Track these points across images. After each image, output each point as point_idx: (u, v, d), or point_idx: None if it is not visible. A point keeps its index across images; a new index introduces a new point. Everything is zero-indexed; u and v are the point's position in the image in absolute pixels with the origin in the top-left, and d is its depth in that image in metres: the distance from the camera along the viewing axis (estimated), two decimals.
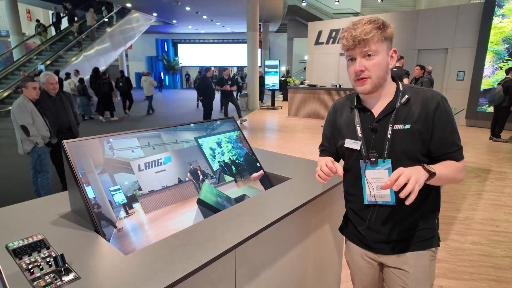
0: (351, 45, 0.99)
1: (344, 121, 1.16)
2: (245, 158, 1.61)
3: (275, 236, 1.22)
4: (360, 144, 1.09)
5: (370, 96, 1.07)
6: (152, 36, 25.02)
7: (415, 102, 1.03)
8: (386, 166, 1.04)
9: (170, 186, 1.26)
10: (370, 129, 1.07)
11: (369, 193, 1.08)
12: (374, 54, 0.99)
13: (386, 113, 1.05)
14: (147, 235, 1.09)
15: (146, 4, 15.19)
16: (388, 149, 1.03)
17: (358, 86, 1.03)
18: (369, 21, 0.99)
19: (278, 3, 14.76)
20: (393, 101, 1.05)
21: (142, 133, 1.30)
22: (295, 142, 6.59)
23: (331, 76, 11.16)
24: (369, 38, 0.97)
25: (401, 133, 1.02)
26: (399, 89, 1.07)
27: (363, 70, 1.00)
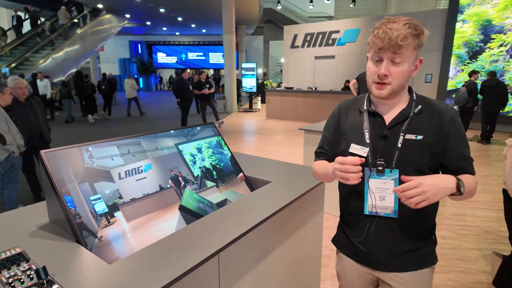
0: (384, 47, 0.91)
1: (350, 124, 1.09)
2: (225, 162, 1.63)
3: (257, 239, 1.26)
4: (367, 150, 1.02)
5: (383, 102, 1.02)
6: (125, 38, 24.42)
7: (428, 113, 1.00)
8: (393, 177, 0.99)
9: (152, 193, 1.26)
10: (379, 136, 1.01)
11: (371, 203, 1.02)
12: (402, 62, 0.93)
13: (398, 121, 1.00)
14: (130, 244, 1.09)
15: (119, 6, 14.83)
16: (397, 159, 0.98)
17: (375, 90, 0.98)
18: (408, 24, 0.90)
19: (253, 6, 14.89)
20: (406, 109, 1.00)
21: (122, 141, 1.30)
22: (273, 145, 6.67)
23: (307, 78, 11.39)
24: (404, 45, 0.89)
25: (412, 144, 0.97)
26: (413, 98, 1.02)
27: (387, 75, 0.94)
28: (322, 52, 11.01)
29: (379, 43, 0.91)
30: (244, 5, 14.09)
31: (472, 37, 8.22)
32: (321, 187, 1.77)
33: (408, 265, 1.04)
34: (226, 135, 7.80)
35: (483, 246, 2.72)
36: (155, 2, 14.13)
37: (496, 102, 6.39)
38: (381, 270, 1.08)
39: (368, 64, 1.00)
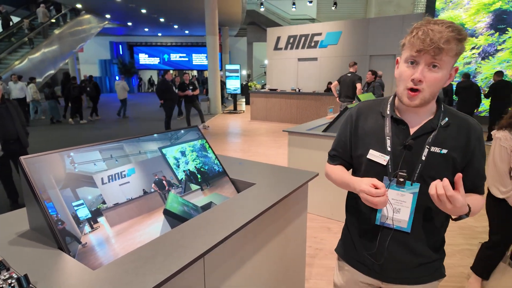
0: (424, 48, 0.83)
1: (369, 128, 1.03)
2: (210, 165, 1.64)
3: (242, 241, 1.28)
4: (388, 159, 0.96)
5: (411, 109, 0.95)
6: (105, 39, 23.91)
7: (454, 127, 0.95)
8: (413, 190, 0.94)
9: (135, 198, 1.26)
10: (402, 145, 0.95)
11: (385, 214, 0.98)
12: (440, 68, 0.86)
13: (424, 132, 0.94)
14: (114, 249, 1.09)
15: (99, 6, 14.51)
16: (420, 172, 0.93)
17: (406, 98, 0.91)
18: (452, 27, 0.83)
19: (236, 8, 14.92)
20: (434, 120, 0.95)
21: (104, 146, 1.29)
22: (258, 146, 6.70)
23: (291, 80, 11.52)
24: (446, 49, 0.82)
25: (436, 157, 0.93)
26: (441, 109, 0.96)
27: (422, 80, 0.87)
28: (305, 54, 11.16)
29: (419, 44, 0.84)
30: (227, 6, 14.10)
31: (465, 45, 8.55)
32: (305, 187, 1.80)
33: (421, 278, 1.02)
34: (211, 137, 7.77)
35: (458, 242, 2.84)
36: (136, 3, 13.92)
37: (469, 103, 6.67)
38: (391, 283, 1.04)
39: (401, 67, 0.92)
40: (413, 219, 0.96)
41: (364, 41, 9.99)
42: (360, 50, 10.09)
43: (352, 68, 6.41)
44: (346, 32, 10.28)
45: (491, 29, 7.99)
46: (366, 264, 1.06)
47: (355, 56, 10.04)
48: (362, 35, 10.01)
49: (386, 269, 1.02)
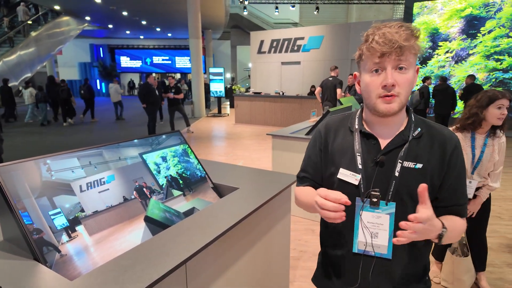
0: (387, 51, 0.77)
1: (338, 145, 0.94)
2: (192, 171, 1.64)
3: (225, 246, 1.27)
4: (359, 178, 0.87)
5: (380, 121, 0.88)
6: (85, 41, 23.34)
7: (429, 138, 0.87)
8: (389, 211, 0.85)
9: (115, 205, 1.23)
10: (374, 162, 0.87)
11: (363, 241, 0.88)
12: (407, 68, 0.80)
13: (396, 146, 0.86)
14: (93, 258, 1.06)
15: (78, 8, 14.16)
16: (394, 190, 0.84)
17: (383, 104, 0.82)
18: (404, 26, 0.79)
19: (219, 11, 14.92)
20: (405, 132, 0.87)
21: (83, 152, 1.26)
22: (243, 149, 6.70)
23: (274, 84, 11.60)
24: (408, 46, 0.77)
25: (410, 173, 0.84)
26: (412, 119, 0.89)
27: (395, 84, 0.79)
28: (288, 58, 11.28)
29: (380, 48, 0.78)
30: (210, 10, 14.08)
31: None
32: (288, 190, 1.82)
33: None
34: (195, 140, 7.71)
35: None
36: (117, 5, 13.69)
37: (445, 105, 6.90)
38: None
39: (365, 79, 0.84)
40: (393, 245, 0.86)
41: (346, 45, 10.20)
42: (342, 54, 10.30)
43: (333, 72, 6.53)
44: (328, 37, 10.47)
45: (463, 34, 8.34)
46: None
47: (337, 60, 10.24)
48: (343, 40, 10.23)
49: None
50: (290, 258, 2.60)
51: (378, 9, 19.45)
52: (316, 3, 15.36)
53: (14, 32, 12.49)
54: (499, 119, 1.85)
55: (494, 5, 7.86)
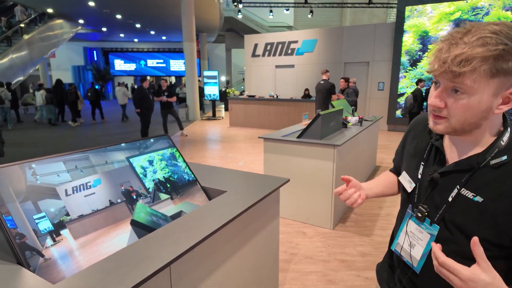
0: (435, 71, 0.67)
1: (414, 146, 0.90)
2: (180, 174, 1.65)
3: (211, 249, 1.28)
4: (413, 187, 0.85)
5: (456, 137, 0.77)
6: (79, 44, 23.27)
7: (509, 170, 0.68)
8: (432, 232, 0.79)
9: (101, 209, 1.24)
10: (430, 177, 0.80)
11: (401, 243, 0.87)
12: (466, 93, 0.65)
13: (460, 168, 0.74)
14: (78, 262, 1.07)
15: (71, 11, 14.12)
16: (442, 214, 0.76)
17: (430, 122, 0.75)
18: (483, 39, 0.61)
19: (214, 14, 14.98)
20: (479, 156, 0.71)
21: (69, 156, 1.27)
22: (237, 152, 6.71)
23: (269, 87, 11.65)
24: (466, 72, 0.62)
25: (466, 203, 0.72)
26: (500, 141, 0.70)
27: (442, 107, 0.69)
28: (282, 61, 11.34)
29: (430, 66, 0.69)
30: (205, 13, 14.13)
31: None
32: (276, 193, 1.84)
33: None
34: (189, 144, 7.71)
35: None
36: (110, 8, 13.67)
37: None
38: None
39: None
40: (425, 262, 0.80)
41: (339, 48, 10.29)
42: (335, 58, 10.39)
43: (324, 76, 6.59)
44: (322, 40, 10.56)
45: None
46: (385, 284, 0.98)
47: (330, 64, 10.32)
48: (337, 43, 10.32)
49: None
50: (281, 260, 2.61)
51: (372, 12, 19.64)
52: (310, 6, 15.47)
53: (11, 32, 12.68)
54: None
55: (482, 9, 8.01)
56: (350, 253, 2.73)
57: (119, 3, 12.81)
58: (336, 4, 17.26)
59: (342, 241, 2.93)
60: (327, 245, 2.86)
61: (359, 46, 9.92)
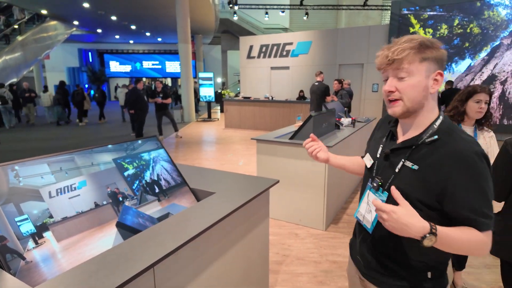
0: (381, 65, 0.93)
1: (378, 136, 1.14)
2: (168, 176, 1.64)
3: (198, 250, 1.28)
4: (371, 163, 1.07)
5: (405, 121, 0.99)
6: (74, 46, 23.13)
7: (441, 146, 0.89)
8: (382, 198, 0.99)
9: (86, 211, 1.23)
10: (384, 154, 1.02)
11: (361, 212, 1.07)
12: (408, 76, 0.90)
13: (406, 146, 0.96)
14: (60, 264, 1.06)
15: (66, 12, 14.05)
16: (390, 183, 0.96)
17: (389, 108, 0.97)
18: (407, 39, 0.91)
19: (209, 16, 14.98)
20: (419, 136, 0.95)
21: (53, 158, 1.26)
22: (230, 156, 6.70)
23: (264, 88, 11.66)
24: (402, 58, 0.89)
25: (408, 172, 0.93)
26: (434, 125, 0.94)
27: (393, 90, 0.93)
28: (277, 63, 11.37)
29: (378, 63, 0.95)
30: (200, 14, 14.13)
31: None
32: (266, 194, 1.84)
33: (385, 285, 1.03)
34: (183, 145, 7.69)
35: None
36: (105, 10, 13.62)
37: None
38: (364, 277, 1.11)
39: None
40: (376, 223, 1.00)
41: (333, 50, 10.34)
42: (330, 59, 10.43)
43: (318, 77, 6.61)
44: (316, 42, 10.61)
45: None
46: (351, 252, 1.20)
47: (325, 65, 10.36)
48: (331, 45, 10.37)
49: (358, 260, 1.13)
50: (273, 262, 2.61)
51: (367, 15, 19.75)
52: (306, 8, 15.53)
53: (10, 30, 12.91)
54: (478, 112, 1.97)
55: None
56: (341, 254, 2.73)
57: (114, 4, 12.77)
58: (331, 6, 17.35)
59: (334, 242, 2.94)
60: (319, 246, 2.87)
61: (354, 48, 9.98)
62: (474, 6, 8.36)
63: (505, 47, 8.17)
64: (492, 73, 8.34)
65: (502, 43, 8.20)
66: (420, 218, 0.81)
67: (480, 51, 8.48)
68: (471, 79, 8.59)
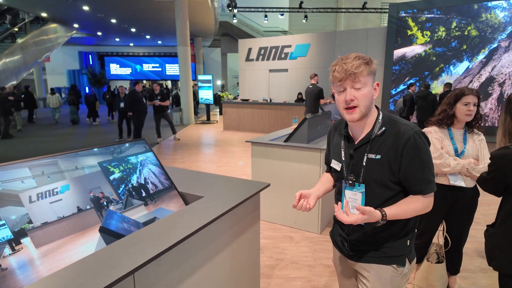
0: (343, 77, 1.08)
1: (334, 142, 1.32)
2: (156, 179, 1.62)
3: (183, 256, 1.25)
4: (341, 166, 1.23)
5: (355, 125, 1.18)
6: (74, 48, 23.18)
7: (389, 134, 1.13)
8: (361, 190, 1.17)
9: (68, 216, 1.21)
10: (349, 155, 1.20)
11: (346, 210, 1.18)
12: (362, 86, 1.09)
13: (364, 143, 1.17)
14: (38, 271, 1.03)
15: (66, 15, 14.08)
16: (363, 175, 1.16)
17: (347, 115, 1.13)
18: (357, 57, 1.09)
19: (209, 19, 15.00)
20: (370, 132, 1.16)
21: (35, 162, 1.24)
22: (230, 156, 6.68)
23: (262, 91, 11.66)
24: (359, 72, 1.07)
25: (373, 162, 1.13)
26: (378, 120, 1.17)
27: (353, 99, 1.09)
28: (275, 66, 11.37)
29: (339, 76, 1.09)
30: (199, 17, 14.15)
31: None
32: (257, 197, 1.81)
33: (371, 259, 1.21)
34: (181, 148, 7.66)
35: None
36: (105, 13, 13.65)
37: (426, 110, 6.94)
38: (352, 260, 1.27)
39: (336, 97, 1.17)
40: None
41: (332, 53, 10.34)
42: (328, 62, 10.41)
43: (313, 80, 6.61)
44: (315, 45, 10.61)
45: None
46: (339, 244, 1.32)
47: (323, 68, 10.36)
48: (329, 47, 10.37)
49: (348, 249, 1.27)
50: (266, 266, 2.58)
51: (366, 17, 19.78)
52: (305, 11, 15.56)
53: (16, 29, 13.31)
54: (467, 115, 1.95)
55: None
56: None
57: (114, 7, 12.79)
58: (330, 9, 17.38)
59: (328, 245, 2.91)
60: (314, 250, 2.83)
61: (352, 50, 9.89)
62: (471, 8, 8.37)
63: (503, 50, 8.16)
64: (490, 75, 8.33)
65: (500, 45, 8.20)
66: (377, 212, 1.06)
67: (478, 53, 8.47)
68: (469, 81, 8.57)
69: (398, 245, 1.19)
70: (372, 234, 1.19)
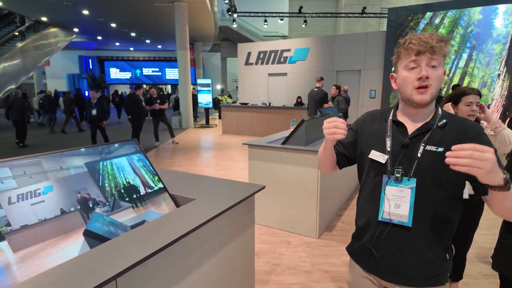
0: (422, 50, 0.94)
1: (373, 132, 1.12)
2: (146, 181, 1.56)
3: (170, 260, 1.19)
4: (387, 158, 1.05)
5: (418, 111, 1.03)
6: (74, 53, 23.27)
7: (452, 128, 0.99)
8: (410, 185, 0.99)
9: (50, 218, 1.15)
10: (400, 145, 1.03)
11: (387, 210, 1.03)
12: (438, 66, 0.95)
13: (421, 132, 1.01)
14: (15, 277, 0.98)
15: (66, 19, 14.13)
16: (415, 169, 0.99)
17: (417, 95, 0.98)
18: (435, 33, 0.95)
19: (208, 24, 15.04)
20: (430, 122, 1.02)
21: (17, 161, 1.18)
22: (228, 160, 6.63)
23: (262, 94, 11.64)
24: (439, 47, 0.93)
25: (431, 155, 0.97)
26: (438, 112, 1.03)
27: (429, 76, 0.95)
28: (275, 70, 11.36)
29: (416, 48, 0.95)
30: (199, 22, 14.19)
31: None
32: (251, 200, 1.75)
33: (416, 281, 1.02)
34: (180, 151, 7.61)
35: None
36: (105, 17, 13.70)
37: None
38: (388, 281, 1.07)
39: (402, 75, 1.01)
40: (413, 214, 1.00)
41: (331, 57, 10.33)
42: (327, 66, 10.42)
43: (319, 83, 6.56)
44: (314, 49, 10.61)
45: None
46: (367, 258, 1.11)
47: (322, 72, 10.34)
48: (329, 51, 10.36)
49: (383, 265, 1.06)
50: (262, 272, 2.51)
51: (366, 22, 19.84)
52: (304, 16, 15.61)
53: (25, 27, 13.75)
54: (470, 115, 1.91)
55: None
56: (334, 263, 2.63)
57: (114, 11, 12.83)
58: (329, 14, 17.45)
59: (326, 250, 2.84)
60: (311, 255, 2.77)
61: (351, 54, 9.97)
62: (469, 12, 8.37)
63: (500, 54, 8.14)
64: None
65: (494, 49, 8.18)
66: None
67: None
68: (468, 83, 8.55)
69: (444, 261, 1.03)
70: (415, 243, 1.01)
